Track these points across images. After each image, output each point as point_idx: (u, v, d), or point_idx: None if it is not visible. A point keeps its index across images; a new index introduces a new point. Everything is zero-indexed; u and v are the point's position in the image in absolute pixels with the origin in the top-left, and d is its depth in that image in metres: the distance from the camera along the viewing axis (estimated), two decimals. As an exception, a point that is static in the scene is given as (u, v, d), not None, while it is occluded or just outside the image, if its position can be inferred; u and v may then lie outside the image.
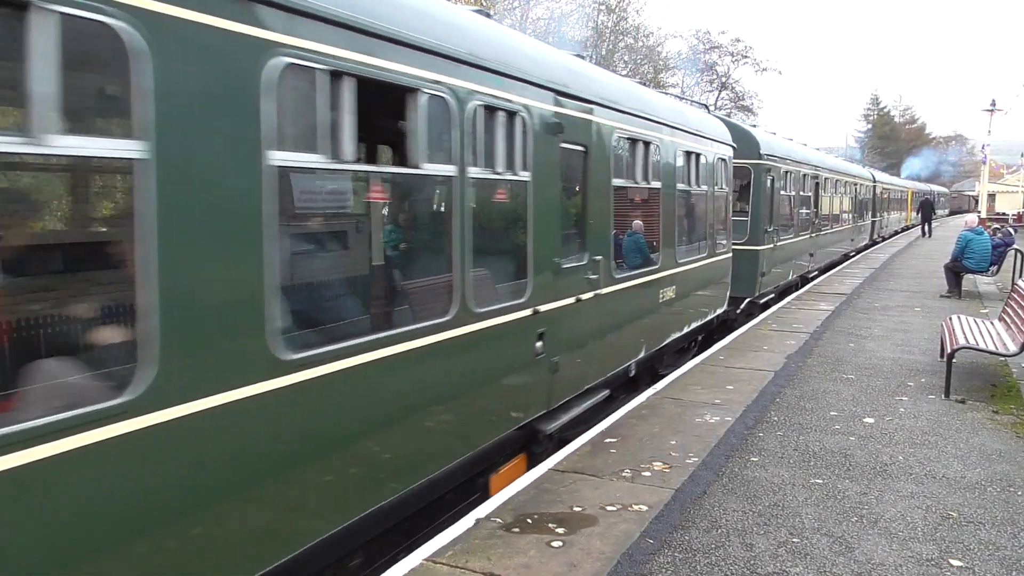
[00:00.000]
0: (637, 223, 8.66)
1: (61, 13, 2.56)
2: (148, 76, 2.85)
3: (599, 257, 6.80)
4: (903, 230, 44.21)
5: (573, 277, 6.41)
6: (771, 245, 14.33)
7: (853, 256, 25.80)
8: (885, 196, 36.29)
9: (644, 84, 11.34)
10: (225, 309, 3.25)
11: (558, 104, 6.11)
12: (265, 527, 3.55)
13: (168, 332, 2.95)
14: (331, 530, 3.91)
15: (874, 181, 31.82)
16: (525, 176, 5.63)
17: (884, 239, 35.46)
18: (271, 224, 3.39)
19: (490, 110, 5.15)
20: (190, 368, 3.07)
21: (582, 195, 6.77)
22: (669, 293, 8.92)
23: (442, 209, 5.23)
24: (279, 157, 3.45)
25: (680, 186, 9.23)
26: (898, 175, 59.81)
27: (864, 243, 29.14)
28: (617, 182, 7.32)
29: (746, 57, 45.83)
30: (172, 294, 2.96)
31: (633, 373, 8.13)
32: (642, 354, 8.25)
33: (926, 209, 39.47)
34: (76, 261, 4.75)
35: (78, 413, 2.67)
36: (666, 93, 12.92)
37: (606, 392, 7.41)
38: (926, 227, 38.15)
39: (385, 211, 6.55)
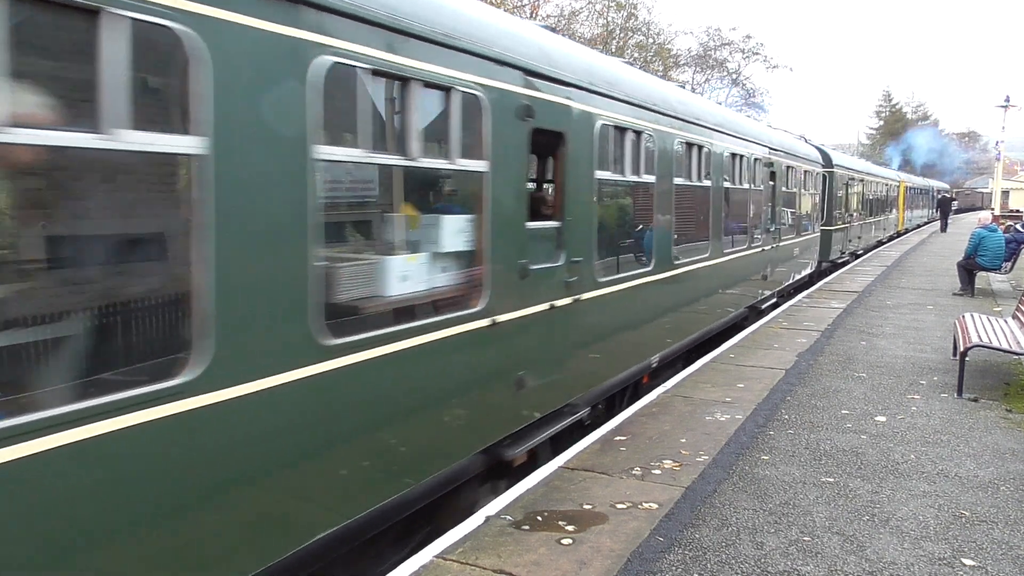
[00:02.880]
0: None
1: None
2: None
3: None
4: (890, 239, 33.24)
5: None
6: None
7: (770, 307, 13.55)
8: (855, 191, 24.26)
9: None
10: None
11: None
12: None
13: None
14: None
15: (829, 166, 20.26)
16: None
17: (856, 256, 24.71)
18: None
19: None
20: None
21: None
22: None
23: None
24: None
25: None
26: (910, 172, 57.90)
27: (805, 273, 16.90)
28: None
29: (757, 54, 45.60)
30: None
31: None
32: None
33: (944, 206, 43.02)
34: None
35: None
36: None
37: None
38: (944, 223, 41.25)
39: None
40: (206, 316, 3.07)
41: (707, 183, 9.58)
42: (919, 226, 45.95)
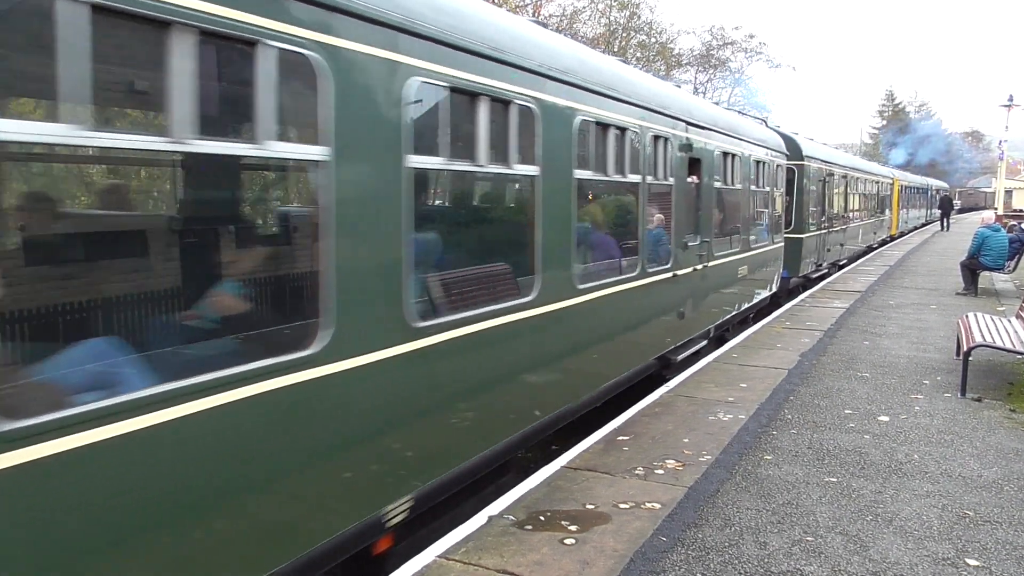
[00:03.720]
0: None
1: None
2: None
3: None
4: (882, 244, 30.72)
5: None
6: None
7: (699, 353, 9.61)
8: (837, 190, 20.85)
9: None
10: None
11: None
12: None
13: None
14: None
15: (799, 158, 16.35)
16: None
17: (839, 267, 21.52)
18: None
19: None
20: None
21: None
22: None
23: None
24: None
25: None
26: (911, 172, 57.31)
27: (760, 298, 13.00)
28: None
29: (760, 53, 45.59)
30: None
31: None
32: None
33: (945, 205, 44.20)
34: None
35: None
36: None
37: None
38: (945, 221, 42.37)
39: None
40: None
41: (532, 171, 5.49)
42: (916, 228, 44.83)
